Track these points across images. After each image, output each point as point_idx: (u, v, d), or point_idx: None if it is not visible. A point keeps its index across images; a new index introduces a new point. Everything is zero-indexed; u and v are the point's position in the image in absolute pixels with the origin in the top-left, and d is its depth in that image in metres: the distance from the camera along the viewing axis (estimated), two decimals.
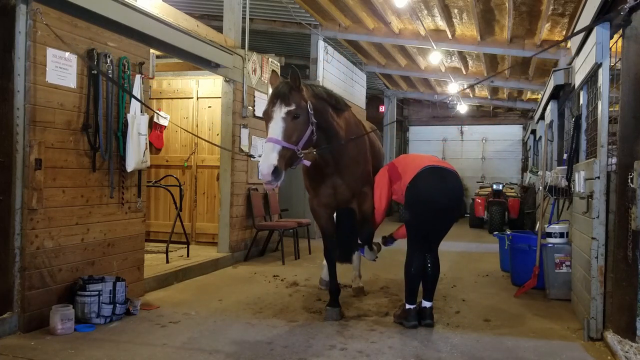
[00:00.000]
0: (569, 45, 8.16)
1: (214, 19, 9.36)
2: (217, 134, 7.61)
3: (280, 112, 3.76)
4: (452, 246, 9.84)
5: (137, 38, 5.09)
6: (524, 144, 17.91)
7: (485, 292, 5.85)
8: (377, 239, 5.28)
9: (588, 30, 4.54)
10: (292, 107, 3.77)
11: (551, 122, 8.16)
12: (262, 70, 8.04)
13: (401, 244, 9.58)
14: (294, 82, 3.90)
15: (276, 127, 3.72)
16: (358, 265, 4.98)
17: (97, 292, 4.25)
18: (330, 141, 4.29)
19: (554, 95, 7.85)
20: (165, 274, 5.76)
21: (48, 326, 4.03)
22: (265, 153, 3.61)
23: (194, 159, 8.04)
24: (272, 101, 3.84)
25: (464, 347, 3.94)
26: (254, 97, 7.79)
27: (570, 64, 6.58)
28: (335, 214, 5.08)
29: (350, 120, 4.70)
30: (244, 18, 7.68)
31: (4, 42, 3.91)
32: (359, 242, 4.86)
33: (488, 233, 11.76)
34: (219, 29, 7.34)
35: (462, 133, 19.34)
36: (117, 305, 4.38)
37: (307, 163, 4.08)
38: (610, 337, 3.82)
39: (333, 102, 4.41)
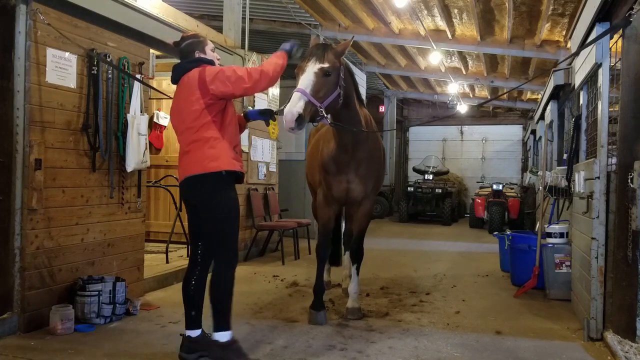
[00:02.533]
0: (569, 45, 8.16)
1: (214, 19, 9.36)
2: None
3: (313, 67, 3.87)
4: (452, 246, 9.85)
5: (137, 38, 5.09)
6: (524, 144, 17.92)
7: (485, 292, 5.85)
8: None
9: (588, 31, 4.54)
10: (326, 65, 3.87)
11: (551, 122, 8.16)
12: None
13: (403, 244, 9.44)
14: (343, 47, 4.08)
15: (306, 79, 3.83)
16: (349, 265, 4.98)
17: (97, 292, 4.25)
18: (351, 122, 4.37)
19: (554, 95, 7.86)
20: (165, 274, 5.76)
21: (48, 326, 4.03)
22: (292, 101, 3.72)
23: None
24: (308, 57, 3.96)
25: (464, 347, 3.94)
26: (254, 97, 7.78)
27: (570, 64, 6.58)
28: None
29: (367, 118, 4.78)
30: (243, 18, 7.68)
31: (4, 42, 3.91)
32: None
33: (488, 233, 11.77)
34: (219, 29, 7.34)
35: (462, 133, 19.35)
36: (117, 305, 4.38)
37: (327, 122, 4.18)
38: (610, 337, 3.82)
39: (357, 88, 4.58)
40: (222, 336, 3.38)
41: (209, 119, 3.41)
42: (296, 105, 3.66)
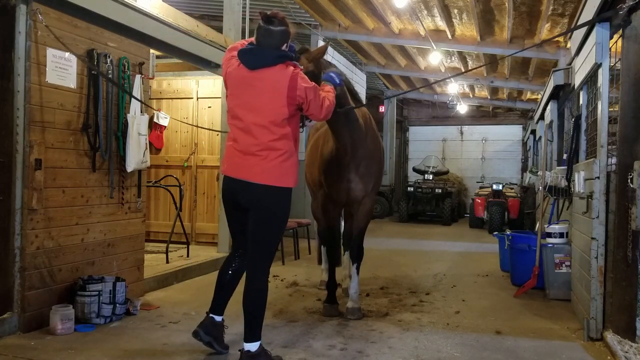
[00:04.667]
0: (569, 45, 8.16)
1: (213, 19, 9.36)
2: (217, 134, 7.61)
3: None
4: (452, 246, 9.85)
5: (137, 38, 5.09)
6: (524, 144, 17.92)
7: (485, 292, 5.86)
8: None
9: (588, 31, 4.54)
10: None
11: (551, 122, 8.17)
12: None
13: (403, 244, 9.41)
14: (318, 52, 4.04)
15: None
16: (348, 265, 5.02)
17: (97, 292, 4.25)
18: (350, 124, 4.37)
19: (554, 95, 7.86)
20: (165, 274, 5.76)
21: (48, 326, 4.03)
22: None
23: (194, 159, 8.04)
24: None
25: (464, 347, 3.94)
26: None
27: (570, 64, 6.58)
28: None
29: (366, 117, 4.79)
30: (243, 18, 7.67)
31: (4, 42, 3.91)
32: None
33: (488, 233, 11.76)
34: (219, 29, 7.34)
35: (462, 133, 19.35)
36: (117, 305, 4.38)
37: (310, 124, 4.19)
38: (610, 337, 3.82)
39: (351, 87, 4.59)
40: (253, 346, 3.37)
41: (289, 131, 3.38)
42: None
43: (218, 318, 3.66)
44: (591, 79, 4.68)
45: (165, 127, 8.06)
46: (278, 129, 3.33)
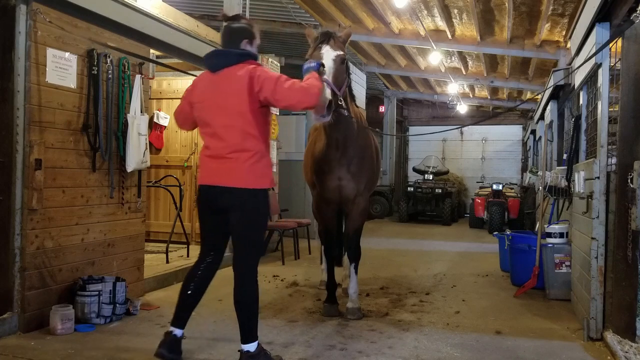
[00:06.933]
0: (568, 45, 8.16)
1: (214, 19, 9.34)
2: None
3: (330, 55, 3.83)
4: (452, 246, 9.85)
5: (137, 38, 5.09)
6: (524, 144, 17.92)
7: (485, 292, 5.86)
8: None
9: (588, 31, 4.54)
10: (341, 52, 3.83)
11: (551, 122, 8.17)
12: None
13: (403, 244, 9.41)
14: (346, 36, 4.06)
15: (327, 67, 3.78)
16: (348, 265, 5.02)
17: (97, 292, 4.26)
18: (344, 117, 4.34)
19: (553, 95, 7.86)
20: (165, 274, 5.76)
21: (48, 326, 4.03)
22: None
23: (194, 159, 8.03)
24: (320, 45, 3.93)
25: (464, 347, 3.94)
26: None
27: (570, 64, 6.58)
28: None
29: (358, 115, 4.75)
30: None
31: (4, 42, 3.91)
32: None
33: (488, 233, 11.77)
34: (219, 29, 7.33)
35: (462, 133, 19.34)
36: (117, 305, 4.39)
37: (346, 112, 4.13)
38: (610, 337, 3.82)
39: (350, 83, 4.54)
40: (252, 346, 3.35)
41: (256, 131, 3.29)
42: (325, 91, 3.61)
43: (178, 332, 3.44)
44: (591, 79, 4.68)
45: (165, 127, 8.06)
46: (245, 128, 3.26)
